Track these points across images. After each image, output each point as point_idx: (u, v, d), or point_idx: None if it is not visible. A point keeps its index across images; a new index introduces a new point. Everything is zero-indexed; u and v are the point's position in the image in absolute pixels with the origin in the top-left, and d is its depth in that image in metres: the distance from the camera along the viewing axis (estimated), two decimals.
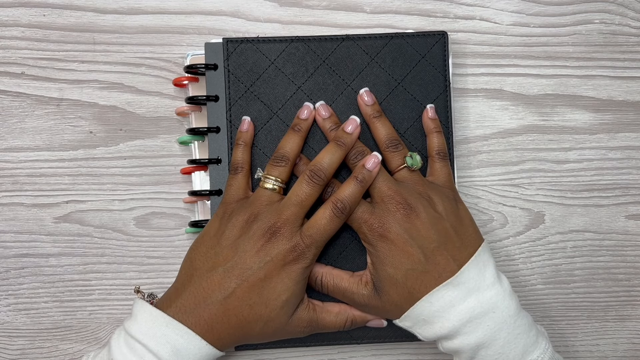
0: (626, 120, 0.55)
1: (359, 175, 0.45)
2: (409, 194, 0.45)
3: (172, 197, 0.53)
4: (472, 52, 0.54)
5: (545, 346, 0.44)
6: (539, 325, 0.46)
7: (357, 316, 0.48)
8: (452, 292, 0.43)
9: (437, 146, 0.49)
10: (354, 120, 0.47)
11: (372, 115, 0.48)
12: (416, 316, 0.44)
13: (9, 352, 0.52)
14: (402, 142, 0.48)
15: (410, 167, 0.47)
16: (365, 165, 0.46)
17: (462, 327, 0.42)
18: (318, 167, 0.45)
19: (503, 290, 0.44)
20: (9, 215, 0.52)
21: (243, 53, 0.49)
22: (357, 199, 0.45)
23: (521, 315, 0.44)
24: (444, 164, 0.48)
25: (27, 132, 0.52)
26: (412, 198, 0.45)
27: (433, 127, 0.49)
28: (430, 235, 0.44)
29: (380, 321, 0.48)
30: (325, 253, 0.49)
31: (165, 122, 0.53)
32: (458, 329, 0.43)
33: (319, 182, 0.45)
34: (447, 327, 0.43)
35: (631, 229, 0.54)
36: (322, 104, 0.49)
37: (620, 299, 0.54)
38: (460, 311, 0.42)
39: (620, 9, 0.54)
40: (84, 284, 0.53)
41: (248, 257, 0.44)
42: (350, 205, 0.45)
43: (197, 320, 0.43)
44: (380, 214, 0.45)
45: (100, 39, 0.53)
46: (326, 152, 0.46)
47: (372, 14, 0.54)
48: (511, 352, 0.43)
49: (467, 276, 0.43)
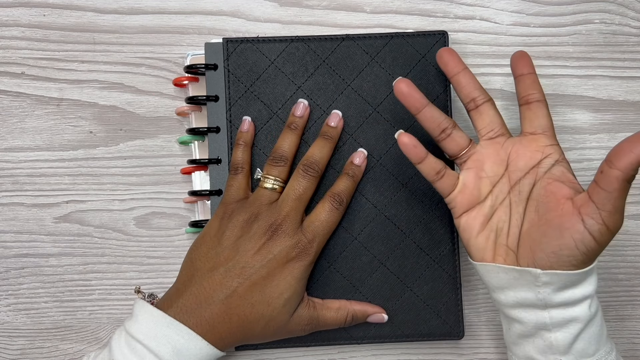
0: (626, 120, 0.55)
1: (350, 171, 0.48)
2: None
3: (172, 197, 0.53)
4: (472, 52, 0.54)
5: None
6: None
7: (357, 311, 0.48)
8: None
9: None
10: (336, 114, 0.49)
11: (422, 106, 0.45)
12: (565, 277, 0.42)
13: (9, 352, 0.52)
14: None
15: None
16: (354, 161, 0.48)
17: (593, 293, 0.42)
18: (311, 160, 0.47)
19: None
20: (9, 215, 0.52)
21: (243, 53, 0.49)
22: (351, 192, 0.48)
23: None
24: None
25: (27, 132, 0.52)
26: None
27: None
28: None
29: (381, 316, 0.48)
30: (325, 253, 0.49)
31: (165, 122, 0.53)
32: (592, 293, 0.42)
33: (313, 174, 0.47)
34: (590, 289, 0.41)
35: (631, 229, 0.54)
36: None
37: (620, 299, 0.54)
38: (595, 277, 0.42)
39: (621, 9, 0.54)
40: (84, 284, 0.53)
41: (249, 256, 0.44)
42: (346, 198, 0.47)
43: (198, 320, 0.43)
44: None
45: (100, 39, 0.53)
46: (316, 147, 0.48)
47: (372, 14, 0.54)
48: (604, 328, 0.43)
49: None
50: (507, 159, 0.44)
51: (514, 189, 0.44)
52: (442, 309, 0.50)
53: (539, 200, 0.42)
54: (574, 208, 0.40)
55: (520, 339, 0.44)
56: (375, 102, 0.50)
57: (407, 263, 0.50)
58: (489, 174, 0.44)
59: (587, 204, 0.39)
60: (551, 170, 0.43)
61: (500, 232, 0.44)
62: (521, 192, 0.43)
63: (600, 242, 0.39)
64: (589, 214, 0.39)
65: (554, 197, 0.41)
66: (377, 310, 0.49)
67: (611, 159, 0.38)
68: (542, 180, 0.43)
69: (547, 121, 0.44)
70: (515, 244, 0.43)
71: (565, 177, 0.42)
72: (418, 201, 0.50)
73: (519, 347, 0.44)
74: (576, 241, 0.39)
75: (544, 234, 0.41)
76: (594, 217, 0.39)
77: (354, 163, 0.48)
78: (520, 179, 0.43)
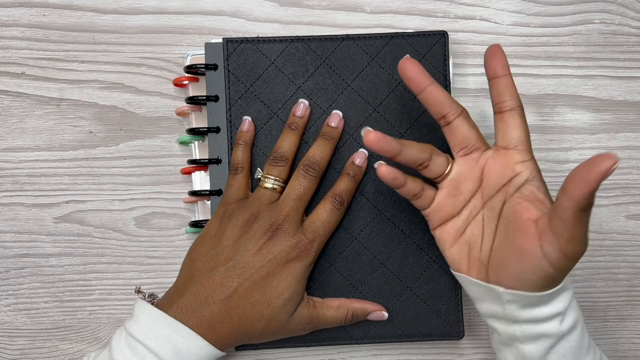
0: (626, 120, 0.55)
1: (351, 171, 0.48)
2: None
3: (172, 197, 0.53)
4: (472, 52, 0.54)
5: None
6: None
7: (357, 309, 0.48)
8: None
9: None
10: (337, 115, 0.49)
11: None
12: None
13: (9, 352, 0.52)
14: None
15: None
16: (354, 162, 0.48)
17: (565, 308, 0.41)
18: (312, 160, 0.47)
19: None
20: (9, 215, 0.52)
21: (243, 53, 0.49)
22: (352, 193, 0.48)
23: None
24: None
25: (27, 132, 0.52)
26: None
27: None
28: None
29: (382, 314, 0.49)
30: (325, 253, 0.49)
31: (165, 122, 0.53)
32: (565, 309, 0.41)
33: (314, 174, 0.46)
34: (559, 307, 0.41)
35: (631, 229, 0.54)
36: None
37: (620, 299, 0.54)
38: (567, 295, 0.41)
39: (621, 9, 0.54)
40: (84, 284, 0.53)
41: (250, 256, 0.44)
42: (347, 198, 0.47)
43: (198, 320, 0.43)
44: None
45: (100, 39, 0.53)
46: (316, 147, 0.48)
47: (372, 14, 0.54)
48: (585, 341, 0.42)
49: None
50: (481, 174, 0.43)
51: (487, 205, 0.43)
52: (442, 309, 0.50)
53: (508, 219, 0.41)
54: (536, 232, 0.39)
55: (500, 345, 0.44)
56: (375, 102, 0.50)
57: (407, 263, 0.50)
58: (464, 191, 0.44)
59: (547, 229, 0.38)
60: (521, 190, 0.41)
61: (473, 246, 0.43)
62: (493, 209, 0.42)
63: (559, 268, 0.38)
64: (547, 241, 0.38)
65: (520, 218, 0.40)
66: (377, 308, 0.49)
67: (565, 187, 0.36)
68: (511, 200, 0.41)
69: (521, 133, 0.42)
70: (487, 259, 0.42)
71: (534, 196, 0.40)
72: None
73: (501, 353, 0.44)
74: (535, 267, 0.38)
75: (508, 255, 0.40)
76: (552, 245, 0.38)
77: (354, 163, 0.48)
78: (492, 196, 0.42)
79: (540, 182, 0.41)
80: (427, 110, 0.43)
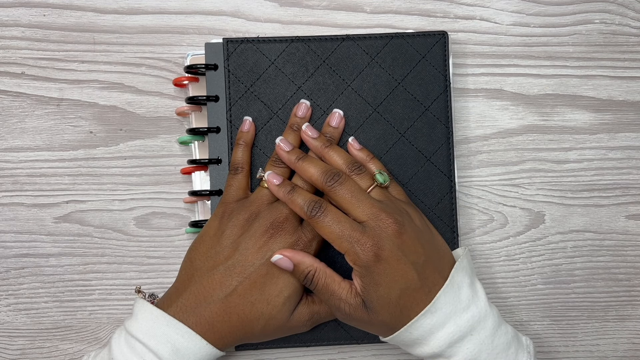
0: (626, 120, 0.55)
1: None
2: (393, 210, 0.43)
3: (172, 197, 0.53)
4: (472, 52, 0.54)
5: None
6: (524, 337, 0.45)
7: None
8: (430, 319, 0.41)
9: (380, 168, 0.47)
10: (338, 114, 0.49)
11: (322, 146, 0.46)
12: (398, 342, 0.44)
13: (9, 352, 0.52)
14: (361, 162, 0.46)
15: (382, 184, 0.45)
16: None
17: (443, 351, 0.42)
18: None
19: (479, 310, 0.42)
20: (9, 215, 0.52)
21: (243, 53, 0.49)
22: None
23: (499, 333, 0.43)
24: (395, 182, 0.48)
25: (27, 132, 0.52)
26: (396, 214, 0.43)
27: (365, 156, 0.48)
28: (418, 250, 0.42)
29: None
30: (324, 253, 0.49)
31: (166, 122, 0.53)
32: (440, 353, 0.42)
33: None
34: (428, 352, 0.42)
35: (631, 229, 0.54)
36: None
37: (620, 299, 0.54)
38: (440, 337, 0.41)
39: (620, 9, 0.54)
40: (84, 284, 0.53)
41: (250, 255, 0.44)
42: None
43: (198, 319, 0.43)
44: (372, 233, 0.41)
45: (100, 39, 0.53)
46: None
47: (372, 14, 0.54)
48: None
49: (443, 301, 0.42)
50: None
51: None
52: None
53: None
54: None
55: None
56: (375, 102, 0.50)
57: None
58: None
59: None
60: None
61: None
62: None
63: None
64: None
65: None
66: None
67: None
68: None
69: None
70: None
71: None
72: (418, 201, 0.50)
73: None
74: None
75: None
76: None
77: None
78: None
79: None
80: (427, 110, 0.43)
